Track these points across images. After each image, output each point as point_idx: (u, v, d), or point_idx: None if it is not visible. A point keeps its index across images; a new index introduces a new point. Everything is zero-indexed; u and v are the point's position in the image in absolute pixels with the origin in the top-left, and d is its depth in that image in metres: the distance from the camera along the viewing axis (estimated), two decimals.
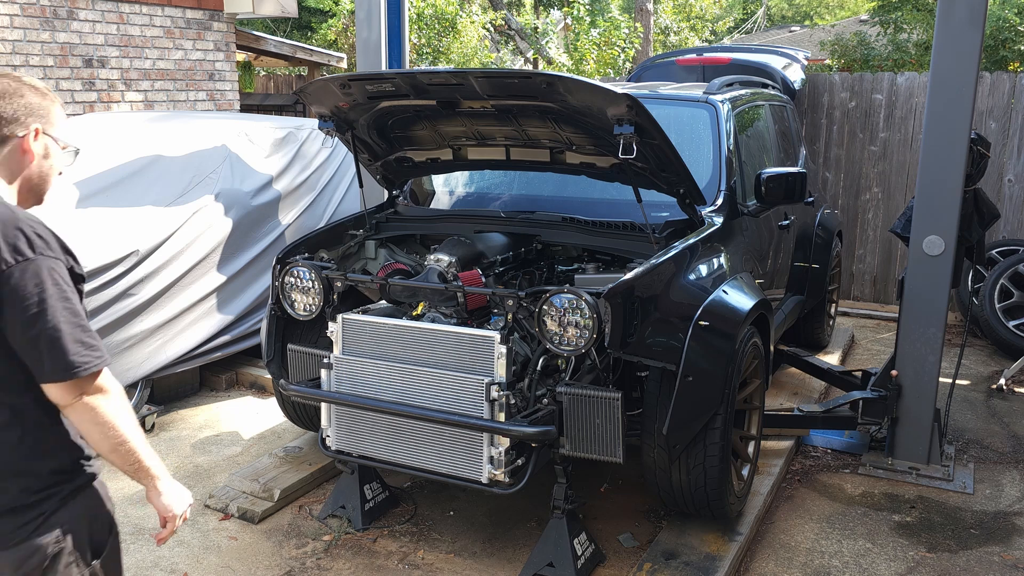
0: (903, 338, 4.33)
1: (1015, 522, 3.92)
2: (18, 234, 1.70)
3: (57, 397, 1.74)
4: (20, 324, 1.68)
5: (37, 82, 1.90)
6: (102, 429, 1.77)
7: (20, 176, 1.86)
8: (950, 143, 4.07)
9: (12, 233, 1.70)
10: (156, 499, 1.93)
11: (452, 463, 3.22)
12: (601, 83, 3.17)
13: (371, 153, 4.10)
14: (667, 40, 21.80)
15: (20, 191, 1.87)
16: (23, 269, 1.68)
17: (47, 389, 1.74)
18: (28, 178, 1.87)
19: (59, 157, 1.92)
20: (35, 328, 1.68)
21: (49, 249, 1.75)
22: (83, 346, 1.74)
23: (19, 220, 1.73)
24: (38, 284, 1.69)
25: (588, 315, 3.00)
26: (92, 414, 1.76)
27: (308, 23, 19.98)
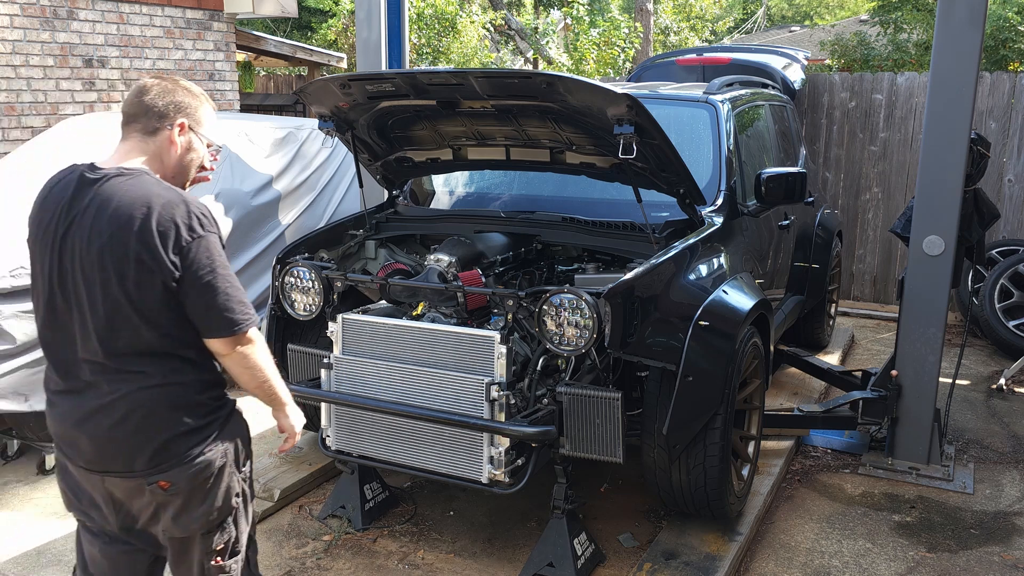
0: (903, 338, 4.33)
1: (1015, 522, 3.92)
2: (191, 214, 2.02)
3: (219, 348, 2.10)
4: (195, 291, 2.03)
5: (191, 85, 2.22)
6: (251, 372, 2.16)
7: (167, 165, 2.16)
8: (950, 143, 4.07)
9: (187, 213, 2.01)
10: (283, 419, 2.33)
11: (452, 463, 3.22)
12: (601, 83, 3.17)
13: (371, 153, 4.09)
14: (667, 40, 21.80)
15: (164, 179, 2.13)
16: (198, 245, 2.02)
17: (211, 343, 2.09)
18: (172, 167, 2.17)
19: (202, 152, 2.23)
20: (208, 294, 2.03)
21: (213, 226, 2.08)
22: (242, 306, 2.09)
23: (189, 203, 2.04)
24: (209, 257, 2.04)
25: (588, 315, 3.00)
26: (245, 361, 2.13)
27: (308, 23, 19.98)
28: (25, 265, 4.04)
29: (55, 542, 3.63)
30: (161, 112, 2.13)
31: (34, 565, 3.46)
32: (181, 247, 2.00)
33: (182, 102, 2.16)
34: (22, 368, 3.98)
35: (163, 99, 2.13)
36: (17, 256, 4.09)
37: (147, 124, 2.13)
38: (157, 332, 2.05)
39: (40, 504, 3.99)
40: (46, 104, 7.01)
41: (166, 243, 1.98)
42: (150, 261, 1.98)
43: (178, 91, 2.16)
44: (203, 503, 2.15)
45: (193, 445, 2.10)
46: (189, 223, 2.01)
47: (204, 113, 2.22)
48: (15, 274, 3.99)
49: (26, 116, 6.88)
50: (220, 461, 2.15)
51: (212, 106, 2.26)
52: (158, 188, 2.04)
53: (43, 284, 2.13)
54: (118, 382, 2.06)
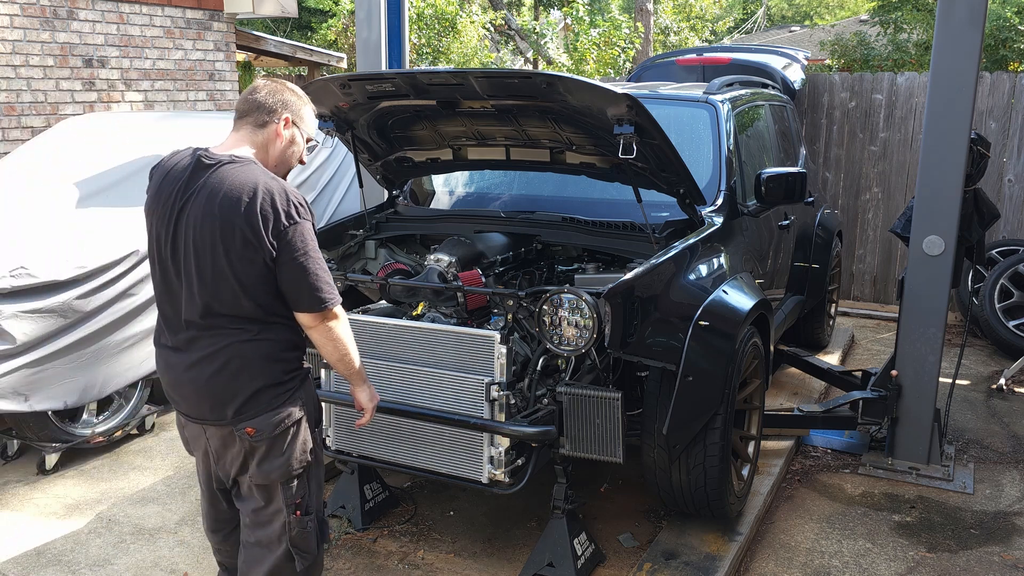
0: (903, 338, 4.33)
1: (1015, 522, 3.92)
2: (290, 202, 2.30)
3: (307, 321, 2.39)
4: (290, 271, 2.31)
5: (296, 87, 2.51)
6: (335, 344, 2.44)
7: (271, 155, 2.46)
8: (950, 143, 4.07)
9: (286, 201, 2.29)
10: (359, 394, 2.64)
11: (452, 463, 3.22)
12: (601, 83, 3.16)
13: (371, 153, 4.09)
14: (667, 40, 21.80)
15: (267, 167, 2.42)
16: (294, 230, 2.29)
17: (300, 316, 2.38)
18: (275, 157, 2.47)
19: (302, 145, 2.53)
20: (299, 273, 2.31)
21: (308, 214, 2.35)
22: (329, 286, 2.36)
23: (288, 192, 2.32)
24: (303, 241, 2.31)
25: (588, 315, 3.00)
26: (329, 334, 2.42)
27: (308, 23, 19.98)
28: (25, 265, 4.04)
29: (55, 542, 3.64)
30: (270, 108, 2.43)
31: (34, 565, 3.47)
32: (280, 231, 2.27)
33: (288, 100, 2.46)
34: (22, 368, 3.98)
35: (272, 97, 2.44)
36: (17, 256, 4.10)
37: (257, 118, 2.44)
38: (254, 302, 2.34)
39: (40, 504, 3.99)
40: (46, 104, 7.01)
41: (267, 225, 2.26)
42: (253, 239, 2.26)
43: (285, 91, 2.47)
44: (283, 454, 2.43)
45: (277, 396, 2.41)
46: (288, 210, 2.28)
47: (306, 112, 2.52)
48: (15, 274, 3.99)
49: (26, 116, 6.88)
50: (298, 414, 2.45)
51: (312, 108, 2.56)
52: (264, 176, 2.32)
53: (156, 252, 2.42)
54: (218, 337, 2.36)
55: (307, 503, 2.53)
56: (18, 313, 3.95)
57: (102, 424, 4.50)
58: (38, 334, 4.02)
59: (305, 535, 2.53)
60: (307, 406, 2.49)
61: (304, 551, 2.53)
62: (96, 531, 3.73)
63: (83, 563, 3.48)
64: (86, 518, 3.85)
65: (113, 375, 4.38)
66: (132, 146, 5.15)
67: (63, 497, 4.06)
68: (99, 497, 4.05)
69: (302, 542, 2.52)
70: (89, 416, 4.48)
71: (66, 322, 4.12)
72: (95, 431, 4.45)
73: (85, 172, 4.90)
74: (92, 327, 4.23)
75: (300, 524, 2.51)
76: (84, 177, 4.85)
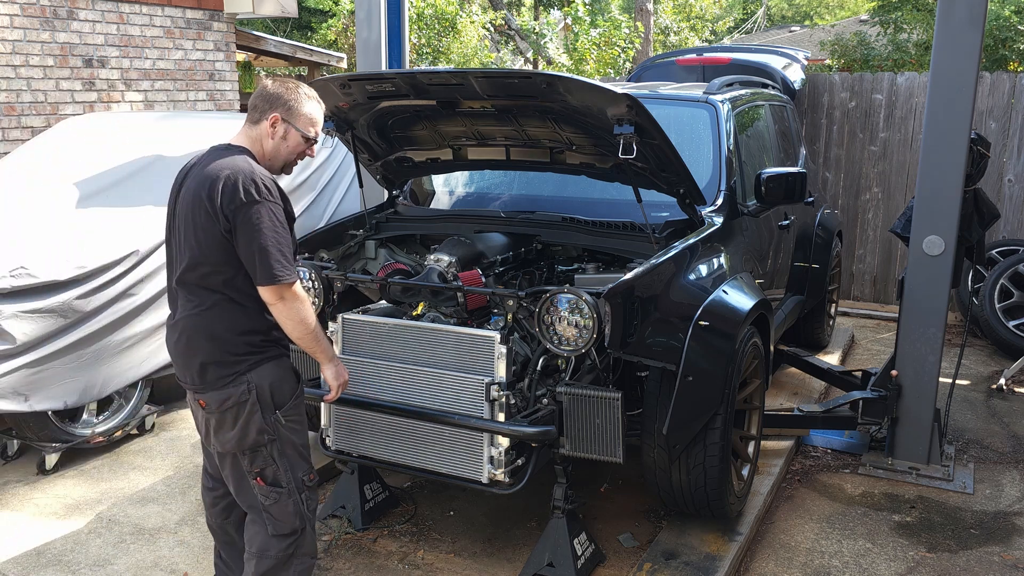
0: (903, 338, 4.33)
1: (1015, 522, 3.92)
2: (252, 183, 2.47)
3: (266, 296, 2.52)
4: (244, 244, 2.47)
5: (301, 86, 2.66)
6: (294, 323, 2.56)
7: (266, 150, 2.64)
8: (950, 143, 4.07)
9: (249, 182, 2.46)
10: (325, 372, 2.77)
11: (452, 463, 3.22)
12: (601, 83, 3.16)
13: (371, 153, 4.09)
14: (667, 40, 21.80)
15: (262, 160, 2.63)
16: (250, 208, 2.45)
17: (261, 291, 2.51)
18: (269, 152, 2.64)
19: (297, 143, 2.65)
20: (253, 247, 2.46)
21: (272, 196, 2.50)
22: (281, 264, 2.48)
23: (255, 175, 2.49)
24: (259, 218, 2.46)
25: (588, 315, 3.00)
26: (288, 311, 2.54)
27: (308, 23, 19.98)
28: (25, 265, 4.04)
29: (55, 542, 3.64)
30: (262, 107, 2.62)
31: (34, 565, 3.46)
32: (236, 206, 2.44)
33: (284, 98, 2.61)
34: (22, 368, 3.98)
35: (267, 96, 2.62)
36: (17, 256, 4.09)
37: (252, 115, 2.64)
38: (220, 276, 2.52)
39: (40, 504, 3.99)
40: (46, 104, 7.01)
41: (223, 200, 2.45)
42: (211, 211, 2.47)
43: (283, 90, 2.63)
44: (232, 429, 2.58)
45: (222, 376, 2.55)
46: (247, 189, 2.45)
47: (306, 110, 2.64)
48: (15, 274, 3.99)
49: (26, 116, 6.88)
50: (242, 397, 2.55)
51: (317, 106, 2.69)
52: (239, 162, 2.52)
53: (166, 228, 2.69)
54: (182, 307, 2.60)
55: (273, 475, 2.64)
56: (18, 313, 3.95)
57: (102, 424, 4.50)
58: (38, 334, 4.02)
59: (278, 507, 2.65)
60: (258, 391, 2.56)
61: (279, 519, 2.66)
62: (96, 531, 3.73)
63: (83, 563, 3.48)
64: (86, 518, 3.85)
65: (113, 375, 4.38)
66: (132, 146, 5.15)
67: (63, 497, 4.06)
68: (99, 497, 4.05)
69: (276, 511, 2.65)
70: (89, 416, 4.48)
71: (66, 322, 4.12)
72: (95, 431, 4.45)
73: (85, 172, 4.90)
74: (92, 327, 4.23)
75: (264, 492, 2.64)
76: (84, 177, 4.85)
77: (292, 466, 2.67)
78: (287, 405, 2.65)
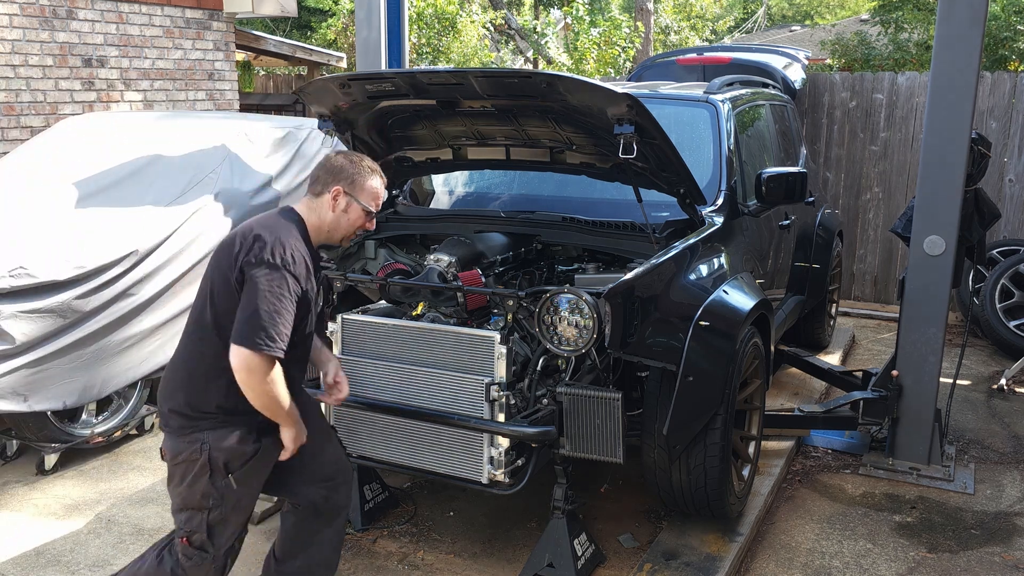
0: (903, 338, 4.32)
1: (1016, 522, 3.92)
2: (281, 246, 2.43)
3: (233, 359, 2.38)
4: (244, 300, 2.40)
5: (363, 160, 2.70)
6: (257, 399, 2.44)
7: (324, 220, 2.63)
8: (951, 143, 4.06)
9: (278, 244, 2.43)
10: (284, 435, 2.60)
11: (452, 463, 3.21)
12: (601, 83, 3.16)
13: (371, 153, 4.08)
14: (667, 40, 21.80)
15: (322, 232, 2.64)
16: (261, 270, 2.40)
17: (231, 349, 2.38)
18: (329, 223, 2.64)
19: (359, 216, 2.67)
20: (248, 306, 2.38)
21: (293, 269, 2.44)
22: (266, 334, 2.36)
23: (283, 243, 2.45)
24: (267, 282, 2.39)
25: (588, 315, 2.99)
26: (252, 384, 2.40)
27: (308, 23, 19.97)
28: (25, 265, 4.04)
29: (55, 542, 3.63)
30: (324, 180, 2.63)
31: (34, 565, 3.46)
32: (250, 263, 2.41)
33: (346, 171, 2.63)
34: (22, 368, 3.97)
35: (329, 168, 2.64)
36: (17, 256, 4.09)
37: (314, 187, 2.64)
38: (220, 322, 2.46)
39: (40, 504, 3.98)
40: (45, 104, 7.01)
41: (243, 254, 2.43)
42: (233, 256, 2.45)
43: (348, 164, 2.65)
44: (179, 485, 2.52)
45: (180, 427, 2.50)
46: (273, 249, 2.42)
47: (370, 184, 2.68)
48: (15, 274, 3.98)
49: (25, 116, 6.88)
50: (192, 456, 2.47)
51: (382, 181, 2.74)
52: (281, 224, 2.52)
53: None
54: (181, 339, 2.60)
55: (201, 543, 2.55)
56: (18, 313, 3.95)
57: (101, 424, 4.49)
58: (38, 334, 4.01)
59: (194, 568, 2.57)
60: (213, 455, 2.47)
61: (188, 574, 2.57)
62: (96, 531, 3.73)
63: (83, 563, 3.48)
64: (86, 518, 3.84)
65: (113, 375, 4.37)
66: (132, 146, 5.14)
67: (63, 497, 4.05)
68: (99, 497, 4.04)
69: (191, 570, 2.57)
70: (88, 416, 4.47)
71: (66, 322, 4.12)
72: (94, 431, 4.44)
73: (85, 172, 4.89)
74: (92, 327, 4.23)
75: (186, 553, 2.56)
76: (84, 177, 4.84)
77: (228, 533, 2.59)
78: (243, 469, 2.53)
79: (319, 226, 2.62)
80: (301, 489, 2.78)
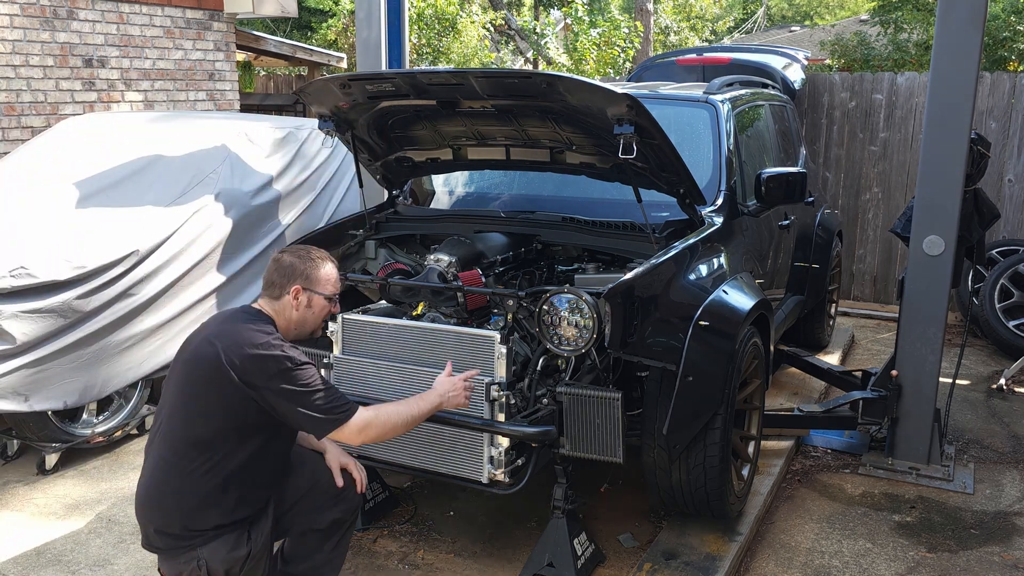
0: (903, 338, 4.32)
1: (1015, 522, 3.92)
2: (272, 350, 2.48)
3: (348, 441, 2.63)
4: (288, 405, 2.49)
5: (311, 253, 2.72)
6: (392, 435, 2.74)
7: (291, 320, 2.68)
8: (950, 143, 4.06)
9: (270, 349, 2.48)
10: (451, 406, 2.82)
11: (452, 463, 3.22)
12: (601, 83, 3.16)
13: (371, 153, 4.09)
14: (667, 40, 21.81)
15: (289, 330, 2.69)
16: (283, 374, 2.46)
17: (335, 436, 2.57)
18: (295, 321, 2.69)
19: (322, 307, 2.72)
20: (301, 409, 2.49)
21: (291, 349, 2.52)
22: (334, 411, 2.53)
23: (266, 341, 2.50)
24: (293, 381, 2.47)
25: (588, 315, 3.00)
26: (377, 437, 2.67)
27: (308, 23, 19.97)
28: (25, 265, 4.04)
29: (55, 542, 3.64)
30: (281, 282, 2.66)
31: (34, 565, 3.46)
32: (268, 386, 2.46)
33: (297, 268, 2.66)
34: (22, 368, 3.98)
35: (282, 270, 2.67)
36: (17, 256, 4.09)
37: (271, 291, 2.67)
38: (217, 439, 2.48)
39: (40, 504, 3.99)
40: (46, 104, 7.01)
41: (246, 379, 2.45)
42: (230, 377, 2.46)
43: (298, 260, 2.68)
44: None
45: (170, 547, 2.50)
46: (271, 363, 2.45)
47: (322, 274, 2.71)
48: (15, 274, 3.99)
49: (26, 116, 6.88)
50: (193, 573, 2.48)
51: (334, 264, 2.77)
52: (251, 333, 2.51)
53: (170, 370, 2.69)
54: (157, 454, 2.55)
55: None
56: (18, 313, 3.95)
57: (102, 424, 4.50)
58: (38, 334, 4.02)
59: None
60: (212, 568, 2.47)
61: None
62: (96, 531, 3.73)
63: (83, 563, 3.48)
64: (86, 518, 3.85)
65: (113, 375, 4.38)
66: (132, 146, 5.14)
67: (63, 497, 4.06)
68: (99, 497, 4.05)
69: None
70: (89, 416, 4.48)
71: (66, 322, 4.12)
72: (95, 431, 4.45)
73: (85, 172, 4.89)
74: (92, 327, 4.23)
75: None
76: (84, 177, 4.85)
77: None
78: (244, 570, 2.56)
79: (287, 327, 2.67)
80: (316, 518, 2.81)
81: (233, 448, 2.49)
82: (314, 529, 2.81)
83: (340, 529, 2.87)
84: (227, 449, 2.48)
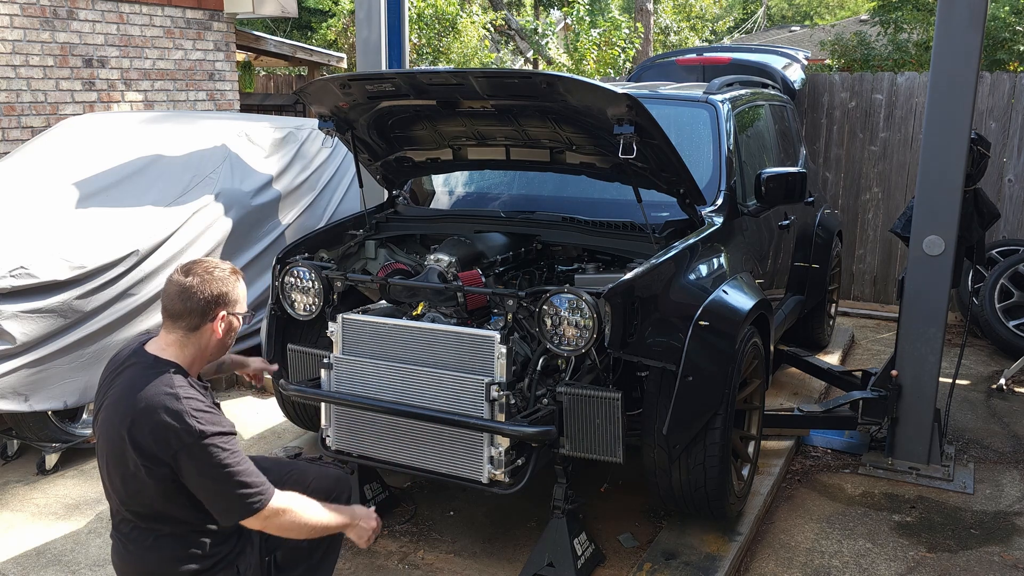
0: (903, 338, 4.32)
1: (1015, 522, 3.92)
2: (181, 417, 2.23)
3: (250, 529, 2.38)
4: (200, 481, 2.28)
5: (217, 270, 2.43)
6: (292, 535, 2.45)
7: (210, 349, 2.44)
8: (950, 143, 4.07)
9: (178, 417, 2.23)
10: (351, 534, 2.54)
11: (452, 463, 3.22)
12: (601, 83, 3.17)
13: (371, 153, 4.09)
14: (667, 40, 21.81)
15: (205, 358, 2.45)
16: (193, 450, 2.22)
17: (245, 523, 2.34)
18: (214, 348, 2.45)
19: (239, 324, 2.48)
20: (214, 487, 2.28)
21: (209, 422, 2.26)
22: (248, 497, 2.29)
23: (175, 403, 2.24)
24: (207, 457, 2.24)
25: (588, 315, 3.00)
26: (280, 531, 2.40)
27: (308, 23, 19.98)
28: (25, 265, 4.04)
29: (55, 542, 3.64)
30: (199, 310, 2.36)
31: (34, 565, 3.46)
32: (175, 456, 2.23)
33: (217, 292, 2.38)
34: (22, 368, 3.98)
35: (195, 299, 2.35)
36: (17, 256, 4.09)
37: (188, 322, 2.37)
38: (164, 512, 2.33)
39: (40, 504, 3.99)
40: (46, 104, 7.01)
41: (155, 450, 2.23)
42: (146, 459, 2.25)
43: (216, 283, 2.39)
44: None
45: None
46: (180, 433, 2.22)
47: (239, 292, 2.47)
48: (15, 274, 3.99)
49: (26, 116, 6.88)
50: None
51: (241, 284, 2.49)
52: (153, 393, 2.26)
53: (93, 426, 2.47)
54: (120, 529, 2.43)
55: None
56: (18, 313, 3.95)
57: None
58: (38, 334, 4.02)
59: None
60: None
61: None
62: (96, 531, 3.73)
63: (83, 563, 3.48)
64: (86, 518, 3.85)
65: None
66: (132, 146, 5.14)
67: (63, 497, 4.06)
68: (99, 497, 4.05)
69: None
70: (89, 416, 4.48)
71: (66, 322, 4.12)
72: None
73: (85, 172, 4.89)
74: (92, 327, 4.23)
75: None
76: (84, 177, 4.85)
77: None
78: None
79: (200, 356, 2.41)
80: None
81: (187, 511, 2.34)
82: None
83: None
84: (182, 514, 2.34)
